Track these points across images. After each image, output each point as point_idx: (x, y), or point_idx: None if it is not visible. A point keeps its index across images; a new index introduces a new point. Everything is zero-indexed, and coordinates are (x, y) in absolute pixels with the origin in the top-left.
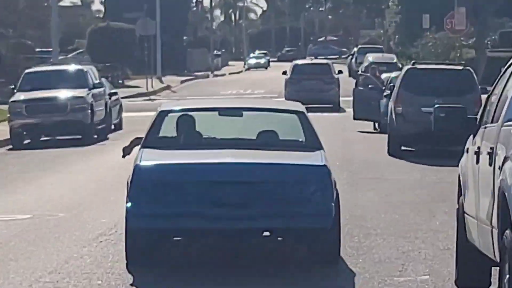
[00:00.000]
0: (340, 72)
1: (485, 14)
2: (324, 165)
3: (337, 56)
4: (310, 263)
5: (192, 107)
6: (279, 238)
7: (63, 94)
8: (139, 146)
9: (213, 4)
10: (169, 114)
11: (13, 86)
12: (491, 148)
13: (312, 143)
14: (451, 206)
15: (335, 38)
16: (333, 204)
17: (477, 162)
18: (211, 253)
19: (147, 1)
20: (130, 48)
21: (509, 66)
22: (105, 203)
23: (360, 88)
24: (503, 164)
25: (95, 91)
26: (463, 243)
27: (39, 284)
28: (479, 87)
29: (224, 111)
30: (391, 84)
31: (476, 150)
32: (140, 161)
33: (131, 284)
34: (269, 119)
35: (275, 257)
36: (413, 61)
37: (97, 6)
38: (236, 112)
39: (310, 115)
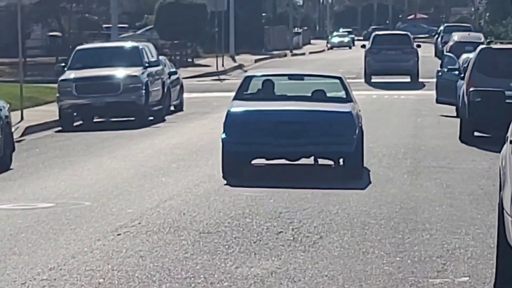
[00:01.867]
0: (418, 46)
1: None
2: (349, 112)
3: (427, 35)
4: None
5: (268, 73)
6: (318, 162)
7: (116, 72)
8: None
9: None
10: (253, 78)
11: (63, 64)
12: None
13: (347, 98)
14: None
15: (425, 16)
16: (355, 137)
17: None
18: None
19: None
20: (201, 24)
21: None
22: (137, 192)
23: (444, 69)
24: None
25: (150, 70)
26: (503, 244)
27: (34, 282)
28: None
29: (291, 76)
30: (465, 65)
31: None
32: (231, 108)
33: (135, 284)
34: (321, 82)
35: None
36: (488, 40)
37: None
38: (299, 77)
39: (391, 93)
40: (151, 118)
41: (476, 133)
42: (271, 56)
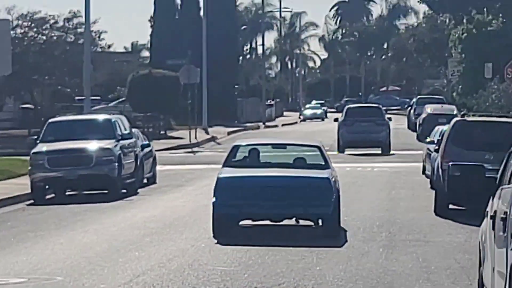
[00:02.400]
0: (389, 119)
1: None
2: (327, 177)
3: (399, 107)
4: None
5: (254, 143)
6: (300, 221)
7: (89, 145)
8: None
9: (268, 51)
10: (240, 147)
11: (35, 137)
12: (505, 213)
13: (326, 164)
14: None
15: (397, 88)
16: (332, 200)
17: (493, 227)
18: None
19: (193, 47)
20: (174, 96)
21: None
22: (110, 266)
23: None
24: None
25: (123, 142)
26: None
27: None
28: None
29: (274, 145)
30: (440, 138)
31: (492, 214)
32: (220, 174)
33: None
34: (302, 150)
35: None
36: (462, 113)
37: (146, 52)
38: (282, 146)
39: (364, 165)
40: (124, 191)
41: (451, 206)
42: (244, 128)
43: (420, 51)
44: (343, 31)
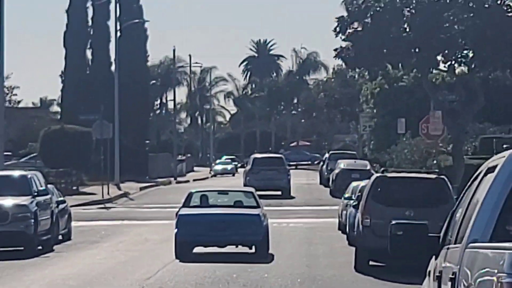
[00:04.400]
0: (293, 167)
1: (463, 119)
2: (258, 214)
3: (310, 162)
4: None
5: (204, 190)
6: (239, 246)
7: (4, 202)
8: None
9: (178, 106)
10: (194, 193)
11: None
12: (454, 274)
13: (257, 205)
14: None
15: (307, 143)
16: (262, 231)
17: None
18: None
19: (105, 103)
20: (86, 152)
21: (475, 178)
22: None
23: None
24: None
25: (39, 198)
26: None
27: None
28: (455, 197)
29: (220, 192)
30: (359, 194)
31: (438, 274)
32: (180, 212)
33: None
34: (240, 194)
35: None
36: (382, 169)
37: (56, 107)
38: (225, 192)
39: (279, 221)
40: (39, 247)
41: (371, 262)
42: (156, 183)
43: (331, 106)
44: (253, 86)
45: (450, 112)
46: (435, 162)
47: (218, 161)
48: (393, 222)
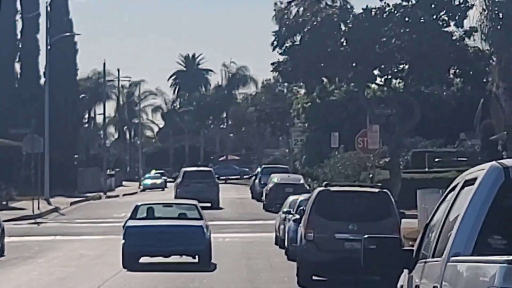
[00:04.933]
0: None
1: (399, 133)
2: (201, 225)
3: (239, 176)
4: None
5: (150, 203)
6: (183, 256)
7: None
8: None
9: (106, 120)
10: (140, 206)
11: None
12: None
13: (200, 217)
14: None
15: (237, 157)
16: (205, 241)
17: None
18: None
19: (34, 116)
20: (16, 166)
21: (450, 191)
22: None
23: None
24: None
25: None
26: None
27: None
28: (397, 211)
29: (165, 204)
30: (301, 208)
31: None
32: (127, 223)
33: None
34: (184, 207)
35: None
36: (325, 183)
37: None
38: (170, 205)
39: (215, 235)
40: None
41: (314, 277)
42: (86, 198)
43: (261, 120)
44: (181, 100)
45: (386, 126)
46: (370, 175)
47: (147, 175)
48: (366, 236)
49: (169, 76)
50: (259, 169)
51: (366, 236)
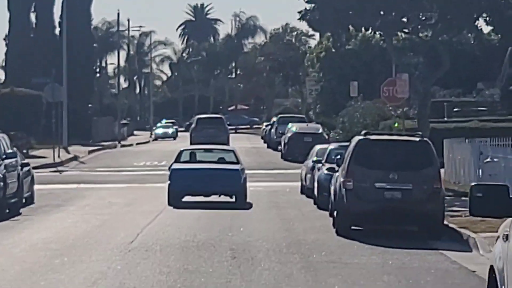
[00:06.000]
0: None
1: (428, 82)
2: (238, 169)
3: (248, 126)
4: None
5: (192, 148)
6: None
7: None
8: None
9: (116, 70)
10: (184, 151)
11: None
12: None
13: (237, 161)
14: None
15: (246, 107)
16: (241, 183)
17: None
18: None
19: (50, 65)
20: (36, 115)
21: None
22: None
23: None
24: None
25: (7, 161)
26: None
27: None
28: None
29: (206, 150)
30: (337, 157)
31: None
32: (173, 166)
33: None
34: (223, 152)
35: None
36: (364, 132)
37: None
38: (210, 150)
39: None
40: (7, 211)
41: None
42: (102, 147)
43: (274, 70)
44: (190, 50)
45: (414, 75)
46: (396, 125)
47: (158, 124)
48: (473, 183)
49: (177, 26)
50: (275, 119)
51: (473, 183)
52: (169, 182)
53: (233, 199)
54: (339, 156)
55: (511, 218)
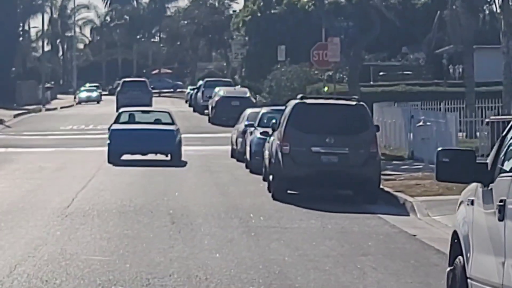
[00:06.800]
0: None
1: (359, 46)
2: (173, 129)
3: (172, 90)
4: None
5: (131, 110)
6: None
7: None
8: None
9: (39, 34)
10: (123, 112)
11: None
12: None
13: (172, 122)
14: (376, 261)
15: (169, 71)
16: (176, 143)
17: (502, 219)
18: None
19: None
20: None
21: None
22: None
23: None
24: None
25: None
26: None
27: None
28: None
29: (143, 111)
30: (273, 121)
31: (500, 203)
32: (112, 127)
33: None
34: (159, 114)
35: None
36: (301, 95)
37: None
38: (147, 112)
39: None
40: None
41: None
42: (27, 111)
43: (198, 34)
44: (113, 14)
45: (345, 39)
46: (326, 88)
47: (82, 88)
48: (440, 148)
49: None
50: (201, 82)
51: (440, 148)
52: (108, 141)
53: (169, 158)
54: (274, 120)
55: (476, 183)
